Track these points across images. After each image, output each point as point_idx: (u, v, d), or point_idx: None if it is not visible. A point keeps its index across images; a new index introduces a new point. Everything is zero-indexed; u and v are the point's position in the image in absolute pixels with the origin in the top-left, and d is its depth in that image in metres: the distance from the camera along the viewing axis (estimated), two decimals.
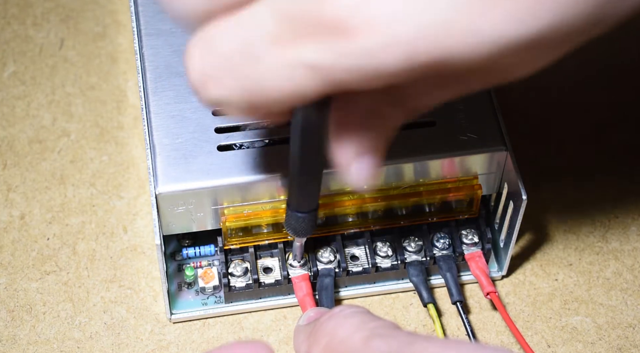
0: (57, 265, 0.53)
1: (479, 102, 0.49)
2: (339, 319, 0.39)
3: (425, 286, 0.51)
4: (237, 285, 0.50)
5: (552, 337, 0.51)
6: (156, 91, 0.49)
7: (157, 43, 0.51)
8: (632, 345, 0.51)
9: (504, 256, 0.51)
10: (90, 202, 0.55)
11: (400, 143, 0.48)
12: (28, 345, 0.50)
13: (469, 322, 0.50)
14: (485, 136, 0.48)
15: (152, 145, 0.48)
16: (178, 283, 0.52)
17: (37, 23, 0.62)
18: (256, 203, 0.48)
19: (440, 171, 0.49)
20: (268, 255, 0.51)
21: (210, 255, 0.52)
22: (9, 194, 0.55)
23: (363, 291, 0.52)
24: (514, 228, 0.49)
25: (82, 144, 0.57)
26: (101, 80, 0.60)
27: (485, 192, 0.50)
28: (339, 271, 0.51)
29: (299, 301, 0.49)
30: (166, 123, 0.48)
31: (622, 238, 0.54)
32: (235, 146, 0.48)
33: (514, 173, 0.48)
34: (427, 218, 0.51)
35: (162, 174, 0.47)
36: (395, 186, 0.49)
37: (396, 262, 0.51)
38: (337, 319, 0.39)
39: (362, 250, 0.52)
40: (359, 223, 0.50)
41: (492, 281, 0.51)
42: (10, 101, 0.59)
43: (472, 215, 0.51)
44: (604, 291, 0.52)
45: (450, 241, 0.52)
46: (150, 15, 0.52)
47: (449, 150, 0.48)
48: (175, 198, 0.47)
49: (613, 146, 0.57)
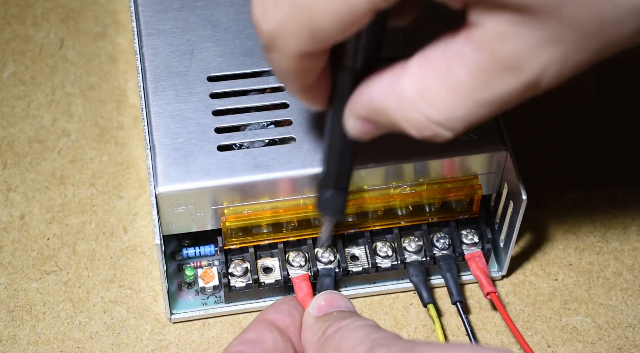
0: (57, 265, 0.53)
1: None
2: (345, 332, 0.41)
3: (425, 287, 0.51)
4: (237, 285, 0.50)
5: (552, 337, 0.51)
6: (156, 91, 0.49)
7: (157, 43, 0.51)
8: (632, 345, 0.51)
9: (504, 256, 0.51)
10: (90, 202, 0.55)
11: (401, 143, 0.48)
12: (28, 345, 0.50)
13: (469, 322, 0.50)
14: (486, 136, 0.48)
15: (152, 145, 0.48)
16: (178, 283, 0.52)
17: (37, 23, 0.62)
18: (256, 203, 0.48)
19: (441, 171, 0.49)
20: (268, 255, 0.51)
21: (210, 255, 0.52)
22: (9, 194, 0.55)
23: (363, 291, 0.52)
24: (514, 228, 0.49)
25: (82, 144, 0.57)
26: (101, 80, 0.60)
27: (485, 192, 0.50)
28: (339, 272, 0.51)
29: (300, 302, 0.49)
30: (166, 123, 0.48)
31: (622, 238, 0.54)
32: (235, 146, 0.48)
33: (514, 173, 0.48)
34: (427, 218, 0.51)
35: (162, 174, 0.47)
36: (395, 186, 0.49)
37: (396, 262, 0.51)
38: (343, 332, 0.41)
39: (362, 250, 0.52)
40: (359, 223, 0.50)
41: (492, 282, 0.51)
42: (10, 101, 0.59)
43: (472, 215, 0.51)
44: (604, 291, 0.52)
45: (450, 241, 0.52)
46: (150, 15, 0.52)
47: (449, 150, 0.48)
48: (175, 198, 0.47)
49: (613, 146, 0.57)
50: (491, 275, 0.52)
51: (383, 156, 0.48)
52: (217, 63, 0.50)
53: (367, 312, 0.52)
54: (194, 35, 0.51)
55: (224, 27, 0.52)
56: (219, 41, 0.51)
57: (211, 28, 0.51)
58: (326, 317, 0.44)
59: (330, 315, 0.44)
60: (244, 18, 0.52)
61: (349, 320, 0.42)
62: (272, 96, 0.50)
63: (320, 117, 0.48)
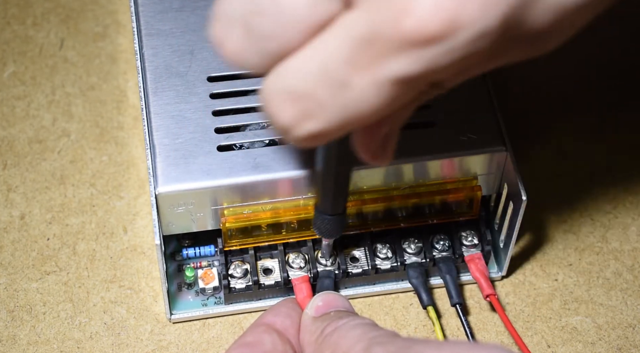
0: (57, 265, 0.53)
1: (478, 102, 0.49)
2: (342, 331, 0.41)
3: (424, 288, 0.51)
4: (237, 286, 0.50)
5: (552, 337, 0.51)
6: (156, 91, 0.49)
7: (157, 43, 0.51)
8: (632, 345, 0.51)
9: (504, 256, 0.51)
10: (90, 202, 0.55)
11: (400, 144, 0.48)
12: (28, 345, 0.50)
13: (469, 324, 0.50)
14: (485, 136, 0.48)
15: (152, 145, 0.48)
16: (178, 283, 0.52)
17: (37, 23, 0.62)
18: (256, 203, 0.48)
19: (440, 172, 0.49)
20: (268, 257, 0.51)
21: (211, 255, 0.52)
22: (9, 194, 0.55)
23: (362, 291, 0.52)
24: (513, 229, 0.49)
25: (82, 144, 0.57)
26: (101, 80, 0.60)
27: (485, 193, 0.50)
28: (339, 273, 0.51)
29: (300, 303, 0.49)
30: (166, 123, 0.48)
31: (622, 238, 0.54)
32: (235, 147, 0.48)
33: (513, 174, 0.48)
34: (426, 220, 0.51)
35: (162, 174, 0.47)
36: (395, 187, 0.49)
37: (396, 264, 0.51)
38: (340, 331, 0.41)
39: (362, 251, 0.52)
40: (358, 224, 0.50)
41: (491, 283, 0.51)
42: (10, 101, 0.59)
43: (471, 217, 0.51)
44: (604, 291, 0.52)
45: (450, 243, 0.52)
46: (151, 15, 0.52)
47: (449, 151, 0.48)
48: (175, 198, 0.47)
49: (613, 146, 0.57)
50: (491, 276, 0.52)
51: None
52: (217, 63, 0.50)
53: (367, 312, 0.52)
54: (194, 36, 0.51)
55: None
56: None
57: None
58: (324, 317, 0.44)
59: (328, 315, 0.44)
60: None
61: (346, 319, 0.42)
62: None
63: None
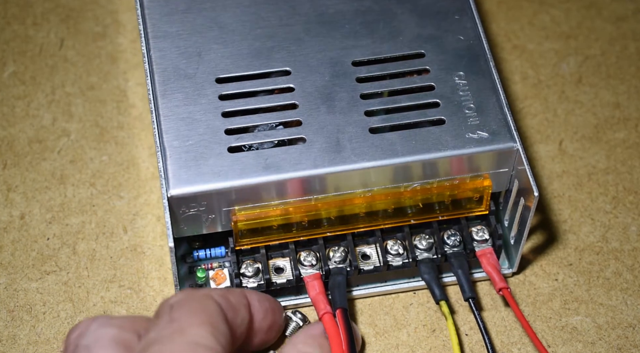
0: (57, 265, 0.53)
1: (488, 99, 0.49)
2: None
3: (437, 284, 0.51)
4: (249, 285, 0.50)
5: (552, 337, 0.51)
6: (165, 94, 0.49)
7: (164, 45, 0.51)
8: (632, 345, 0.51)
9: (515, 253, 0.52)
10: (90, 202, 0.55)
11: (410, 141, 0.48)
12: (28, 345, 0.50)
13: (482, 318, 0.50)
14: (495, 133, 0.48)
15: (163, 148, 0.47)
16: (190, 285, 0.51)
17: (37, 23, 0.62)
18: (267, 203, 0.48)
19: (450, 169, 0.49)
20: (279, 255, 0.51)
21: (221, 256, 0.51)
22: (9, 194, 0.55)
23: (375, 290, 0.52)
24: (525, 225, 0.49)
25: (82, 144, 0.57)
26: (101, 80, 0.60)
27: (495, 189, 0.50)
28: (351, 270, 0.51)
29: (312, 300, 0.49)
30: (176, 126, 0.48)
31: (622, 238, 0.55)
32: (245, 147, 0.48)
33: (524, 170, 0.48)
34: (437, 216, 0.51)
35: (174, 176, 0.47)
36: (405, 184, 0.49)
37: (407, 260, 0.51)
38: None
39: (373, 248, 0.52)
40: (369, 221, 0.50)
41: (504, 278, 0.51)
42: (10, 101, 0.58)
43: (482, 212, 0.51)
44: (604, 291, 0.53)
45: (461, 238, 0.52)
46: (157, 17, 0.52)
47: (459, 148, 0.48)
48: (187, 200, 0.47)
49: (613, 146, 0.58)
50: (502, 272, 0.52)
51: (392, 154, 0.48)
52: (225, 64, 0.50)
53: (367, 312, 0.52)
54: (201, 37, 0.51)
55: (230, 28, 0.52)
56: (226, 43, 0.51)
57: (218, 29, 0.52)
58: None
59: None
60: (251, 19, 0.52)
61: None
62: (281, 96, 0.50)
63: (329, 116, 0.49)
